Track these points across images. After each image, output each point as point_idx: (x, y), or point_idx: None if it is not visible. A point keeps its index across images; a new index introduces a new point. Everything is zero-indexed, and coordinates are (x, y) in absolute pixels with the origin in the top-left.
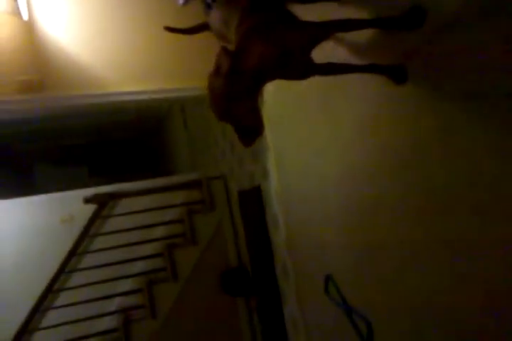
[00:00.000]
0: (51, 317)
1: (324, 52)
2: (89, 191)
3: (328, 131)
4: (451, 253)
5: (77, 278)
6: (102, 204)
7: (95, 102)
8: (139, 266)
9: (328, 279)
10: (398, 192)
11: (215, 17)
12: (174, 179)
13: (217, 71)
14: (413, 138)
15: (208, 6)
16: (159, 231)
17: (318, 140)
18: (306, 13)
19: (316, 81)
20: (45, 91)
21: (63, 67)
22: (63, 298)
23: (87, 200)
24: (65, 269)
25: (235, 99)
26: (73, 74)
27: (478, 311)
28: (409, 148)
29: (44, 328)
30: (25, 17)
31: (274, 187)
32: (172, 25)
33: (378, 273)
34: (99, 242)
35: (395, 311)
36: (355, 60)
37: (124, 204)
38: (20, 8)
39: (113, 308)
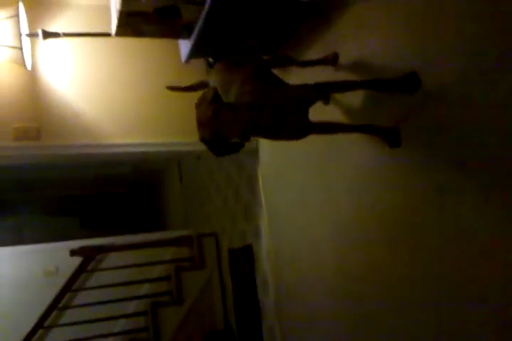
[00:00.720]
0: None
1: (321, 112)
2: (77, 243)
3: (321, 192)
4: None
5: (56, 334)
6: (88, 257)
7: (91, 153)
8: (121, 324)
9: None
10: (391, 259)
11: (215, 77)
12: (165, 235)
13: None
14: (406, 201)
15: (210, 66)
16: (145, 288)
17: (311, 200)
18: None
19: (310, 141)
20: (42, 139)
21: (62, 116)
22: None
23: (73, 253)
24: (43, 324)
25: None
26: (71, 125)
27: None
28: (403, 211)
29: None
30: (29, 66)
31: (265, 246)
32: (173, 80)
33: None
34: (83, 296)
35: None
36: (350, 121)
37: (112, 258)
38: (25, 57)
39: None
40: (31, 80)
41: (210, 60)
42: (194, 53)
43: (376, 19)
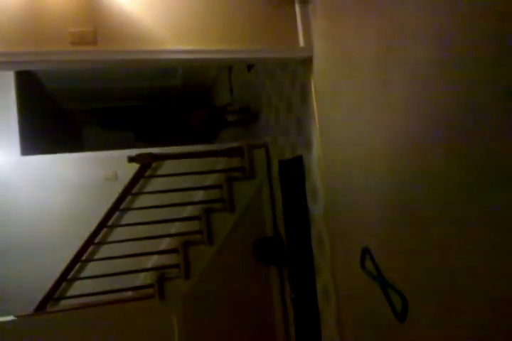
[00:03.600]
0: (90, 268)
1: None
2: (134, 152)
3: (378, 99)
4: (495, 230)
5: (117, 234)
6: (145, 164)
7: (146, 58)
8: (176, 227)
9: (365, 252)
10: (443, 164)
11: None
12: (216, 146)
13: None
14: (470, 105)
15: None
16: (198, 196)
17: (368, 108)
18: None
19: (369, 48)
20: (98, 44)
21: (117, 21)
22: (103, 251)
23: (131, 159)
24: (107, 223)
25: None
26: (127, 30)
27: None
28: (464, 115)
29: (82, 278)
30: None
31: (316, 157)
32: None
33: (417, 249)
34: (141, 201)
35: (432, 287)
36: None
37: (167, 167)
38: None
39: (149, 265)
40: None
41: None
42: None
43: None
